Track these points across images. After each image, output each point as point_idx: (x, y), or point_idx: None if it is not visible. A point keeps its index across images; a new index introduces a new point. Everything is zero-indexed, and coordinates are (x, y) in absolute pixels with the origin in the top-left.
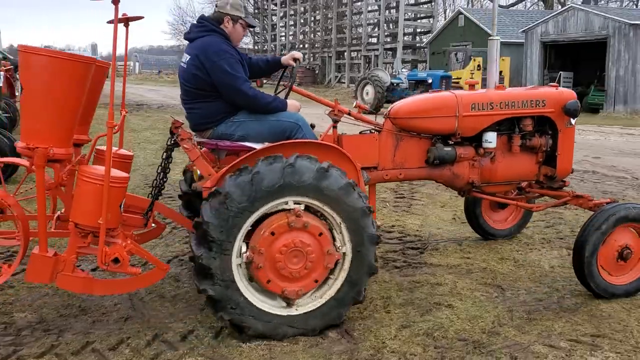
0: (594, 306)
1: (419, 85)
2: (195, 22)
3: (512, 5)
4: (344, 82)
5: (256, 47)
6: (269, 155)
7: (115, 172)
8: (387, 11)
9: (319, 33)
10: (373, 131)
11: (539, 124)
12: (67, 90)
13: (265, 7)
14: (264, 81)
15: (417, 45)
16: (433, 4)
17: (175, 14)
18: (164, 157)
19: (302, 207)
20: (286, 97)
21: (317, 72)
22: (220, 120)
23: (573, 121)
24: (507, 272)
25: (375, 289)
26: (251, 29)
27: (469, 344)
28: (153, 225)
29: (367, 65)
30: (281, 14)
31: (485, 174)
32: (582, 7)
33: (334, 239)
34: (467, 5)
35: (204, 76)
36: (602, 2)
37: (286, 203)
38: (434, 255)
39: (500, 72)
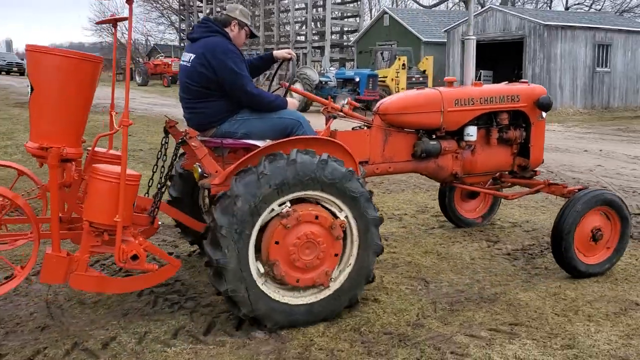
0: (512, 296)
1: (347, 83)
2: (198, 22)
3: (435, 5)
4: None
5: (182, 44)
6: (273, 152)
7: (129, 171)
8: (314, 9)
9: None
10: (363, 127)
11: (514, 118)
12: (79, 90)
13: (191, 3)
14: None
15: (345, 43)
16: (359, 3)
17: (97, 10)
18: (173, 156)
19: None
20: (285, 95)
21: None
22: (224, 118)
23: (544, 114)
24: (431, 265)
25: None
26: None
27: (395, 337)
28: (160, 223)
29: (295, 63)
30: (207, 11)
31: (467, 166)
32: (500, 8)
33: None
34: (392, 5)
35: (210, 74)
36: (519, 3)
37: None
38: None
39: (424, 71)
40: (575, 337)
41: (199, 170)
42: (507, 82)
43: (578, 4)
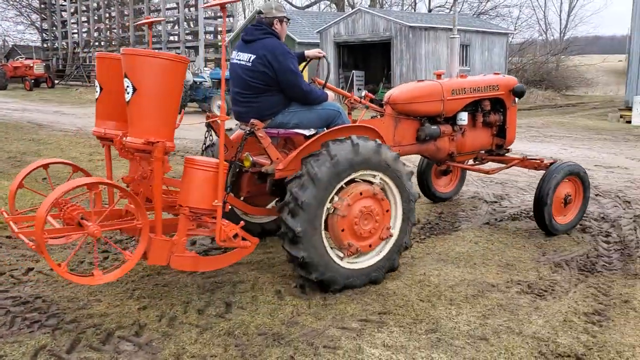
0: (380, 286)
1: None
2: (251, 25)
3: (308, 7)
4: None
5: (45, 45)
6: (333, 138)
7: (215, 161)
8: (186, 9)
9: (115, 30)
10: (377, 116)
11: (493, 104)
12: (175, 89)
13: (53, 1)
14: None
15: (220, 43)
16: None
17: None
18: (239, 147)
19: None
20: (323, 88)
21: None
22: (278, 111)
23: (517, 101)
24: None
25: (175, 294)
26: (37, 27)
27: (269, 337)
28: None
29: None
30: (72, 10)
31: (459, 146)
32: (369, 10)
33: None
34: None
35: (270, 73)
36: (387, 5)
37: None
38: None
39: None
40: (439, 321)
41: (251, 159)
42: (381, 81)
43: (440, 6)
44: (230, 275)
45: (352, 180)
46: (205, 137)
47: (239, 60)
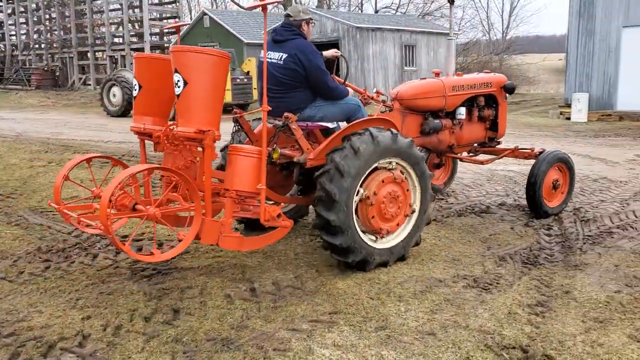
0: (331, 285)
1: None
2: (281, 26)
3: (254, 8)
4: (89, 85)
5: None
6: (358, 130)
7: (256, 148)
8: (130, 10)
9: (56, 32)
10: (387, 111)
11: (487, 100)
12: (221, 82)
13: None
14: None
15: (166, 45)
16: (178, 4)
17: None
18: (272, 137)
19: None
20: (344, 83)
21: (57, 74)
22: (306, 105)
23: (508, 97)
24: (256, 265)
25: (121, 302)
26: None
27: (218, 342)
28: None
29: (113, 66)
30: (9, 11)
31: (458, 139)
32: (316, 11)
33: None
34: (212, 7)
35: (301, 71)
36: (334, 6)
37: (389, 163)
38: (185, 259)
39: (248, 72)
40: (388, 318)
41: (279, 150)
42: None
43: (386, 7)
44: (178, 281)
45: (374, 169)
46: (233, 132)
47: (270, 58)
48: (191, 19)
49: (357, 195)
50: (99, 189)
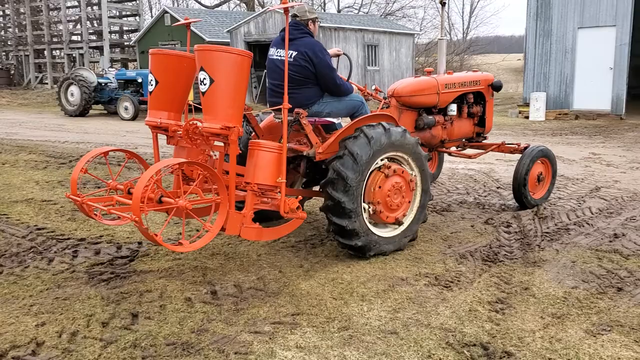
0: (294, 286)
1: (129, 84)
2: (290, 25)
3: (217, 6)
4: (46, 83)
5: None
6: (369, 123)
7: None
8: (88, 8)
9: (10, 29)
10: (384, 107)
11: (475, 97)
12: (244, 80)
13: None
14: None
15: (125, 43)
16: (138, 1)
17: None
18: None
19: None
20: (347, 80)
21: (12, 72)
22: (314, 101)
23: (494, 94)
24: (217, 267)
25: (77, 307)
26: None
27: (178, 347)
28: None
29: (71, 64)
30: None
31: (449, 134)
32: (279, 10)
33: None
34: (173, 4)
35: (311, 67)
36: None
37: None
38: (144, 262)
39: None
40: (351, 318)
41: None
42: None
43: (348, 7)
44: (137, 284)
45: (380, 166)
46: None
47: (280, 56)
48: (152, 16)
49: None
50: (115, 182)
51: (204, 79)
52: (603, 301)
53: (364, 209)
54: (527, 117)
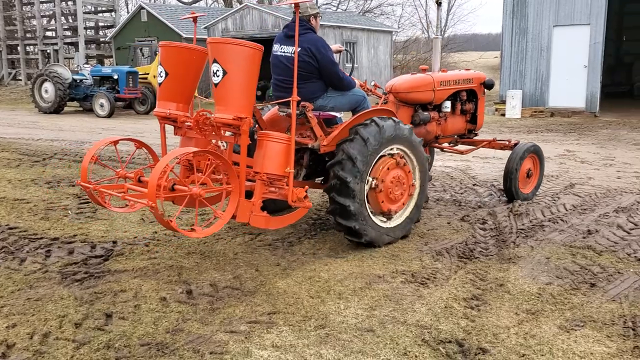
0: (271, 285)
1: (105, 81)
2: (292, 22)
3: (194, 2)
4: (20, 80)
5: None
6: (377, 115)
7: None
8: (63, 3)
9: None
10: (383, 103)
11: (468, 95)
12: (256, 72)
13: None
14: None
15: (101, 39)
16: None
17: None
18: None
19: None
20: (350, 75)
21: None
22: (319, 96)
23: (486, 92)
24: (193, 266)
25: (50, 308)
26: None
27: (152, 347)
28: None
29: (46, 61)
30: None
31: (443, 130)
32: (256, 6)
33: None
34: (150, 0)
35: (314, 63)
36: (275, 1)
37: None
38: (119, 261)
39: None
40: (328, 316)
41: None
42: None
43: (327, 3)
44: (111, 284)
45: (380, 158)
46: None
47: (284, 52)
48: (128, 12)
49: (367, 186)
50: (124, 170)
51: (217, 70)
52: (576, 297)
53: (367, 181)
54: (503, 115)
